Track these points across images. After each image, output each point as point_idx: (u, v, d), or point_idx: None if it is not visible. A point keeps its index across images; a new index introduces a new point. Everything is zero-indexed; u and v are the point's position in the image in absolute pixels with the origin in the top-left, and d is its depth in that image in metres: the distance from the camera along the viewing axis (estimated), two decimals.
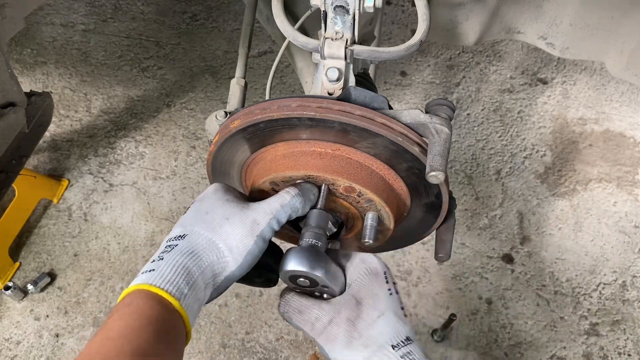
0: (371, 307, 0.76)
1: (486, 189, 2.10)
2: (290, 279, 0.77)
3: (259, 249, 0.76)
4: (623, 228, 2.01)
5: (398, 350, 0.73)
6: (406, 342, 0.74)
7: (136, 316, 0.64)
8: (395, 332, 0.74)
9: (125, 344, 0.61)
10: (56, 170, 2.18)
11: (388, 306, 0.77)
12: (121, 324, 0.64)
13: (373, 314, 0.76)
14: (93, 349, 0.62)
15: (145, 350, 0.62)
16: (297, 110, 0.78)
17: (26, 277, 1.97)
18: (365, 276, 0.80)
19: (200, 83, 2.37)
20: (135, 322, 0.64)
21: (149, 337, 0.63)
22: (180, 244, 0.73)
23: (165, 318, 0.66)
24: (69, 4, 2.59)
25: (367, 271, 0.80)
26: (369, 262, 0.81)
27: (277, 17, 0.91)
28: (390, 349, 0.73)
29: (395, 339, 0.74)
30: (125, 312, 0.65)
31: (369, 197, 0.83)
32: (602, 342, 1.82)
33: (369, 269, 0.80)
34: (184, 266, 0.70)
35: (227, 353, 1.83)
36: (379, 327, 0.74)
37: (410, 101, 2.30)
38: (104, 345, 0.62)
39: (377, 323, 0.75)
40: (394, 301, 0.78)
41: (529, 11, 1.44)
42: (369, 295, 0.78)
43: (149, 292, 0.67)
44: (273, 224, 0.77)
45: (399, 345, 0.73)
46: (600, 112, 2.24)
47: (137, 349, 0.61)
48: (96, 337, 0.64)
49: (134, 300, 0.67)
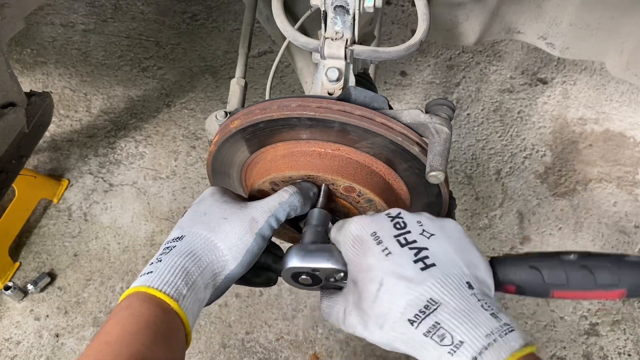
0: (366, 281, 0.64)
1: (486, 189, 2.10)
2: (292, 277, 0.77)
3: (258, 246, 0.76)
4: (623, 228, 2.01)
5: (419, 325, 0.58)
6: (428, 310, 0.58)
7: (134, 319, 0.64)
8: (406, 301, 0.60)
9: (123, 348, 0.61)
10: (56, 170, 2.18)
11: (387, 272, 0.62)
12: (119, 328, 0.63)
13: (371, 288, 0.63)
14: (91, 355, 0.61)
15: (143, 355, 0.61)
16: (296, 110, 0.78)
17: (26, 277, 1.97)
18: (352, 249, 0.68)
19: (200, 83, 2.37)
20: (132, 325, 0.63)
21: (146, 340, 0.62)
22: (179, 245, 0.73)
23: (163, 320, 0.65)
24: (69, 4, 2.59)
25: (352, 243, 0.69)
26: (351, 230, 0.69)
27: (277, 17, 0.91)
28: (408, 325, 0.59)
29: (410, 310, 0.59)
30: (123, 316, 0.64)
31: (368, 197, 0.83)
32: (602, 342, 1.82)
33: (352, 239, 0.69)
34: (183, 267, 0.70)
35: (227, 353, 1.83)
36: (383, 302, 0.62)
37: (410, 101, 2.30)
38: (101, 351, 0.61)
39: (378, 297, 0.62)
40: (396, 261, 0.63)
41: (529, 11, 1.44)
42: (361, 269, 0.66)
43: (147, 295, 0.66)
44: (272, 221, 0.77)
45: (418, 317, 0.58)
46: (600, 112, 2.24)
47: (135, 353, 0.60)
48: (94, 341, 0.63)
49: (132, 303, 0.66)
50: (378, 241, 0.66)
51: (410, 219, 0.68)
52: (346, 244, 0.70)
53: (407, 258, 0.63)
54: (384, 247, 0.65)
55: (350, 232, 0.70)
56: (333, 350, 1.81)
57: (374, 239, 0.66)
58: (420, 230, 0.66)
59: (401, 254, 0.63)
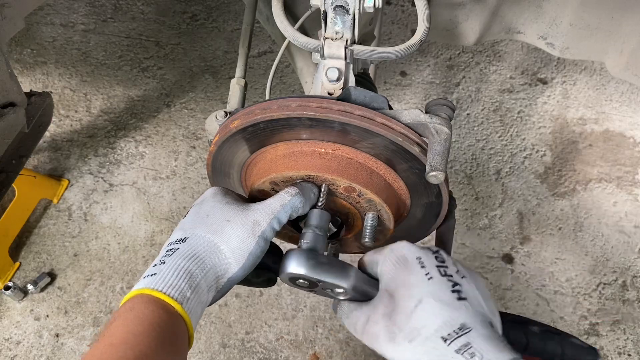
0: (405, 297, 0.69)
1: (486, 189, 2.10)
2: (290, 279, 0.77)
3: (261, 249, 0.76)
4: (623, 228, 2.01)
5: (451, 343, 0.63)
6: (461, 332, 0.64)
7: (138, 321, 0.64)
8: (442, 321, 0.65)
9: (128, 350, 0.61)
10: (56, 170, 2.18)
11: (426, 292, 0.68)
12: (123, 329, 0.63)
13: (409, 304, 0.68)
14: (95, 355, 0.62)
15: (147, 357, 0.61)
16: (297, 110, 0.78)
17: (26, 277, 1.97)
18: (394, 266, 0.73)
19: (200, 83, 2.37)
20: (137, 327, 0.63)
21: (151, 342, 0.63)
22: (182, 247, 0.73)
23: (167, 323, 0.65)
24: (69, 4, 2.59)
25: (396, 261, 0.74)
26: (397, 250, 0.75)
27: (277, 17, 0.92)
28: (441, 341, 0.64)
29: (444, 328, 0.64)
30: (128, 318, 0.65)
31: (369, 197, 0.83)
32: (602, 342, 1.82)
33: (397, 257, 0.74)
34: (187, 270, 0.70)
35: (227, 353, 1.83)
36: (419, 317, 0.66)
37: (410, 101, 2.30)
38: (105, 352, 0.62)
39: (415, 313, 0.67)
40: (436, 285, 0.68)
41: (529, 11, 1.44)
42: (401, 285, 0.71)
43: (151, 297, 0.66)
44: (274, 224, 0.77)
45: (451, 335, 0.64)
46: (600, 112, 2.24)
47: (140, 355, 0.61)
48: (98, 343, 0.63)
49: (136, 305, 0.66)
50: (422, 265, 0.71)
51: (447, 258, 0.75)
52: (389, 259, 0.74)
53: (445, 286, 0.69)
54: (426, 271, 0.70)
55: (397, 250, 0.75)
56: (333, 350, 1.81)
57: (418, 262, 0.72)
58: (456, 269, 0.72)
59: (441, 281, 0.69)
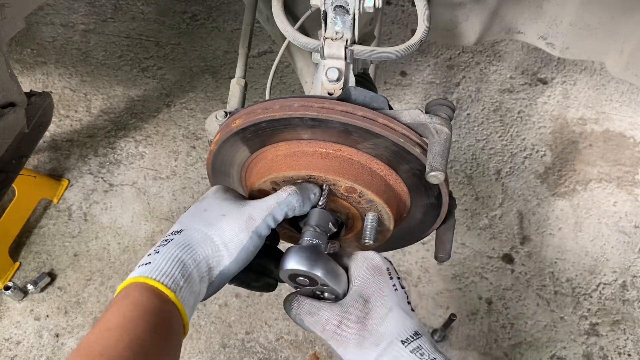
0: (379, 304, 0.77)
1: (486, 189, 2.10)
2: (290, 277, 0.77)
3: (254, 244, 0.77)
4: (623, 228, 2.01)
5: (408, 345, 0.73)
6: (415, 337, 0.74)
7: (133, 307, 0.66)
8: (403, 327, 0.75)
9: (123, 334, 0.63)
10: (56, 170, 2.18)
11: (394, 302, 0.77)
12: (118, 315, 0.65)
13: (382, 311, 0.76)
14: (92, 340, 0.63)
15: (142, 341, 0.63)
16: (299, 110, 0.78)
17: (26, 277, 1.97)
18: (369, 274, 0.80)
19: (200, 83, 2.37)
20: (132, 313, 0.65)
21: (146, 327, 0.64)
22: (176, 237, 0.75)
23: (161, 309, 0.67)
24: (69, 4, 2.59)
25: (370, 269, 0.80)
26: (371, 259, 0.81)
27: (277, 17, 0.92)
28: (400, 344, 0.73)
29: (404, 333, 0.74)
30: (123, 304, 0.66)
31: (369, 197, 0.83)
32: (602, 342, 1.82)
33: (372, 266, 0.80)
34: (179, 259, 0.71)
35: (227, 353, 1.83)
36: (388, 324, 0.75)
37: (410, 101, 2.30)
38: (102, 337, 0.63)
39: (386, 320, 0.75)
40: (400, 296, 0.78)
41: (529, 11, 1.44)
42: (376, 293, 0.78)
43: (145, 285, 0.68)
44: (269, 220, 0.78)
45: (408, 340, 0.74)
46: (600, 112, 2.24)
47: (135, 339, 0.63)
48: (94, 328, 0.65)
49: (131, 292, 0.68)
50: (390, 276, 0.80)
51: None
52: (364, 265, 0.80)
53: (403, 297, 0.79)
54: (393, 283, 0.79)
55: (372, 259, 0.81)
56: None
57: (388, 273, 0.80)
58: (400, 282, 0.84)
59: (402, 293, 0.79)
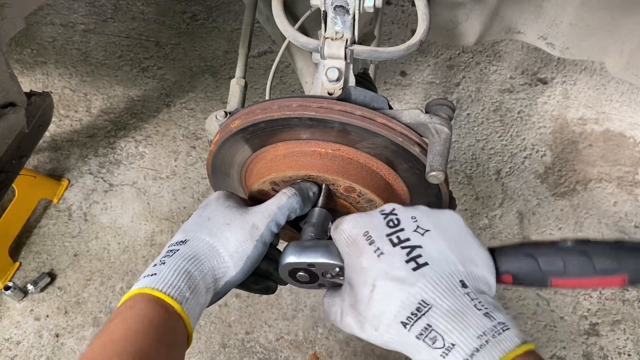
0: (360, 284, 0.63)
1: (486, 189, 2.10)
2: (290, 274, 0.77)
3: (259, 253, 0.77)
4: (623, 228, 2.01)
5: (411, 328, 0.57)
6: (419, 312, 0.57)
7: (138, 319, 0.65)
8: (399, 303, 0.59)
9: (128, 346, 0.62)
10: (56, 170, 2.18)
11: (378, 273, 0.61)
12: (123, 326, 0.64)
13: (364, 291, 0.62)
14: (95, 351, 0.63)
15: (147, 353, 0.62)
16: (297, 110, 0.78)
17: (26, 277, 1.97)
18: (345, 249, 0.67)
19: (200, 83, 2.37)
20: (137, 325, 0.64)
21: (150, 340, 0.64)
22: (182, 248, 0.74)
23: (167, 321, 0.66)
24: (69, 4, 2.59)
25: (344, 242, 0.67)
26: (342, 231, 0.68)
27: (277, 17, 0.92)
28: (401, 327, 0.58)
29: (403, 312, 0.58)
30: (128, 315, 0.66)
31: (369, 197, 0.83)
32: (602, 342, 1.82)
33: (344, 239, 0.67)
34: (186, 270, 0.71)
35: (227, 353, 1.83)
36: (377, 304, 0.61)
37: (410, 101, 2.30)
38: (106, 348, 0.63)
39: (372, 300, 0.61)
40: (388, 262, 0.61)
41: (529, 11, 1.44)
42: (355, 271, 0.65)
43: (151, 296, 0.67)
44: (272, 226, 0.78)
45: (410, 319, 0.58)
46: (600, 112, 2.24)
47: (139, 351, 0.62)
48: (98, 339, 0.64)
49: (136, 303, 0.67)
50: (370, 241, 0.64)
51: (405, 215, 0.66)
52: (341, 243, 0.69)
53: (399, 258, 0.61)
54: (375, 247, 0.63)
55: (343, 231, 0.68)
56: (333, 350, 1.81)
57: (366, 239, 0.64)
58: (414, 226, 0.64)
59: (393, 253, 0.62)
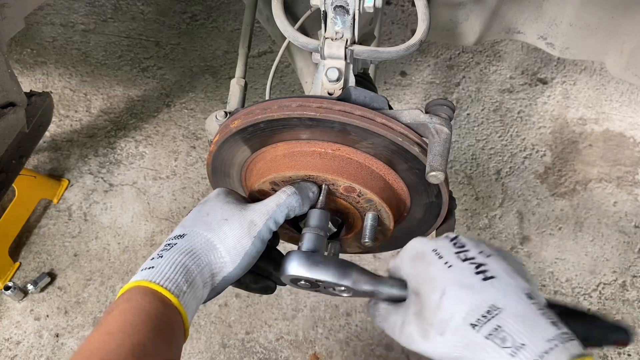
0: (429, 291, 0.66)
1: (486, 189, 2.10)
2: (291, 281, 0.78)
3: (257, 249, 0.77)
4: (623, 228, 2.01)
5: (481, 329, 0.60)
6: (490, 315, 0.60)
7: (136, 312, 0.65)
8: (469, 307, 0.62)
9: (125, 339, 0.62)
10: (56, 170, 2.18)
11: (449, 281, 0.65)
12: (121, 319, 0.65)
13: (433, 296, 0.65)
14: (93, 344, 0.63)
15: (144, 346, 0.63)
16: (297, 110, 0.78)
17: (26, 277, 1.97)
18: (411, 265, 0.71)
19: (200, 83, 2.37)
20: (134, 317, 0.65)
21: (148, 332, 0.64)
22: (180, 242, 0.74)
23: (164, 314, 0.67)
24: (69, 4, 2.59)
25: (411, 259, 0.71)
26: (410, 249, 0.72)
27: (277, 17, 0.92)
28: (470, 329, 0.60)
29: (472, 314, 0.61)
30: (125, 308, 0.66)
31: (369, 197, 0.83)
32: None
33: (411, 256, 0.71)
34: (183, 264, 0.71)
35: (227, 353, 1.83)
36: (446, 308, 0.63)
37: (410, 101, 2.30)
38: (104, 340, 0.63)
39: (441, 304, 0.64)
40: (456, 272, 0.65)
41: (529, 11, 1.44)
42: (423, 281, 0.68)
43: (149, 289, 0.68)
44: (270, 224, 0.78)
45: (480, 321, 0.60)
46: (600, 112, 2.24)
47: (137, 344, 0.62)
48: (96, 332, 0.64)
49: (134, 296, 0.68)
50: (439, 256, 0.68)
51: (468, 241, 0.70)
52: (406, 260, 0.71)
53: (468, 270, 0.65)
54: (445, 260, 0.67)
55: (411, 248, 0.72)
56: (333, 350, 1.81)
57: (435, 254, 0.68)
58: (479, 250, 0.68)
59: (462, 266, 0.66)
